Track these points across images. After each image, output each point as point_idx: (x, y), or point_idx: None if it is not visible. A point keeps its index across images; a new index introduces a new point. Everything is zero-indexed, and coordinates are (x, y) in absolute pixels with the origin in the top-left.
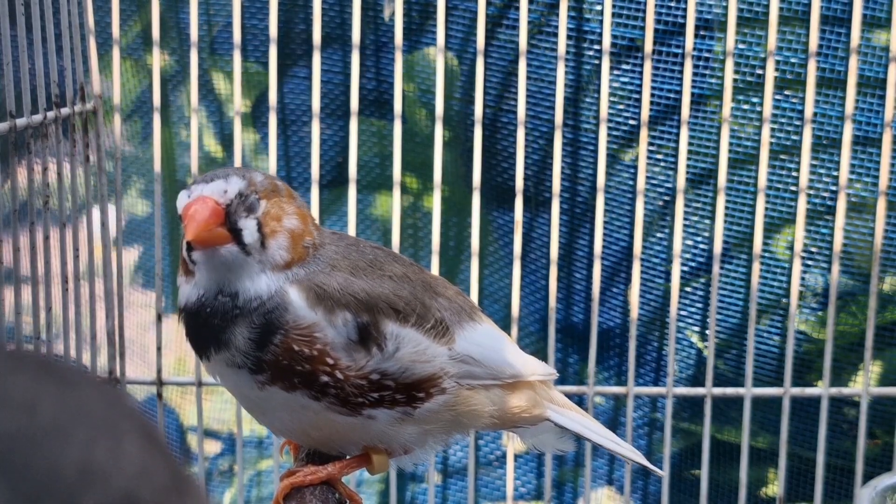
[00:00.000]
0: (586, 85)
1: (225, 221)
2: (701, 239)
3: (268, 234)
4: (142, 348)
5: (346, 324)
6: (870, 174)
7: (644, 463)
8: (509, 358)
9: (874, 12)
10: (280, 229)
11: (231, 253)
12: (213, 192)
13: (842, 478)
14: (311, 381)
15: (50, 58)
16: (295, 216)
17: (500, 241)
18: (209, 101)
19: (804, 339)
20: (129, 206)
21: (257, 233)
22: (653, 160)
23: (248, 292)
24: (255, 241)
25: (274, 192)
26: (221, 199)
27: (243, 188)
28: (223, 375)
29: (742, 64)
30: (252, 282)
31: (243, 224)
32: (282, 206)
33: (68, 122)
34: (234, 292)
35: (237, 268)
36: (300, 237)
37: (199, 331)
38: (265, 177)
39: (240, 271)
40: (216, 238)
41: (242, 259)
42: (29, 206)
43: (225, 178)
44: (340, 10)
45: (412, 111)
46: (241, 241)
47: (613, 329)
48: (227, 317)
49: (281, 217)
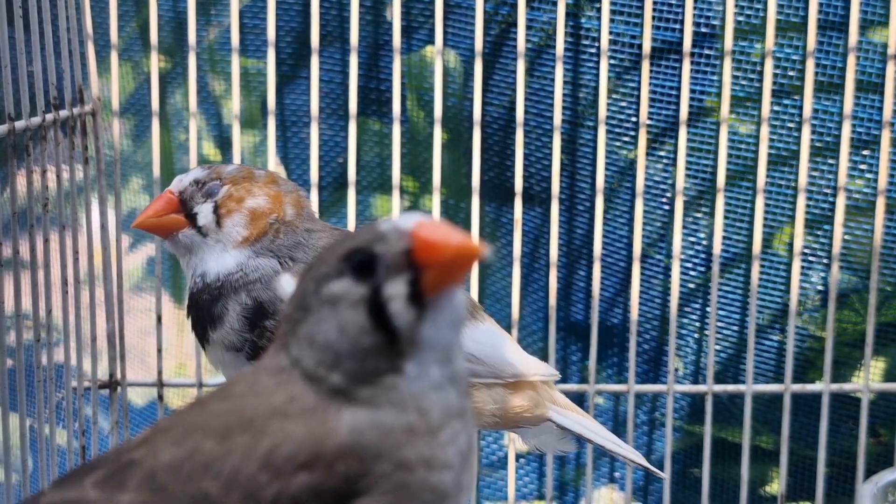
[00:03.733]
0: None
1: (180, 208)
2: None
3: (223, 215)
4: (142, 353)
5: None
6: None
7: (645, 464)
8: (511, 357)
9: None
10: (237, 209)
11: (186, 236)
12: (172, 185)
13: (844, 474)
14: None
15: (48, 60)
16: (263, 196)
17: (503, 240)
18: (209, 103)
19: (808, 336)
20: (129, 202)
21: (212, 214)
22: (663, 163)
23: (216, 271)
24: (210, 221)
25: (245, 179)
26: (175, 189)
27: (201, 177)
28: (223, 362)
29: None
30: (216, 261)
31: (199, 209)
32: (249, 189)
33: (67, 124)
34: (203, 272)
35: (197, 249)
36: (263, 215)
37: (196, 313)
38: (240, 168)
39: (200, 252)
40: (168, 225)
41: (200, 240)
42: (28, 210)
43: (188, 173)
44: (341, 10)
45: (427, 112)
46: (195, 224)
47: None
48: (212, 291)
49: (243, 199)
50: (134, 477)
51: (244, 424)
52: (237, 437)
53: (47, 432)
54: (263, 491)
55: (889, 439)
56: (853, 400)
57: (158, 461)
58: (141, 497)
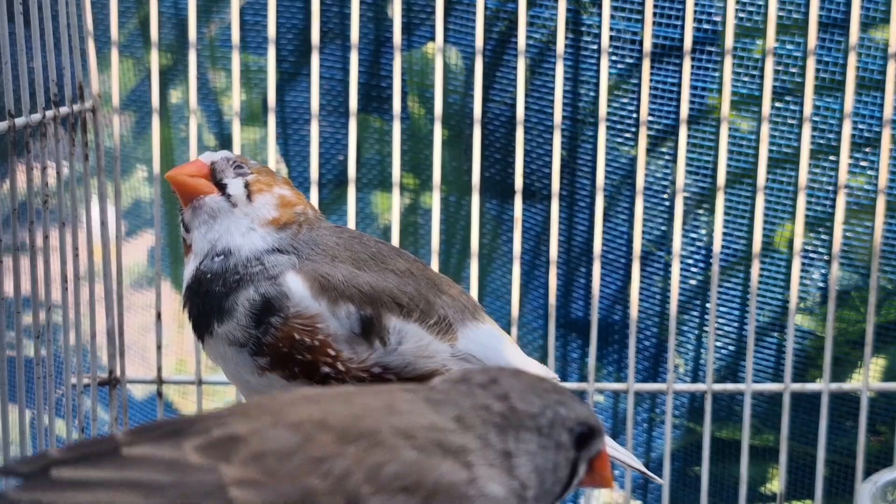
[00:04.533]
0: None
1: (210, 176)
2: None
3: (254, 191)
4: (142, 349)
5: (349, 316)
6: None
7: (641, 469)
8: (510, 359)
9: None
10: (267, 189)
11: (215, 201)
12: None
13: (844, 473)
14: (312, 370)
15: (49, 57)
16: (286, 187)
17: (503, 238)
18: (209, 100)
19: (808, 334)
20: (133, 191)
21: (244, 188)
22: (663, 160)
23: (242, 250)
24: (241, 193)
25: (267, 173)
26: (207, 160)
27: (231, 156)
28: (225, 357)
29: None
30: (243, 237)
31: (230, 181)
32: (273, 178)
33: (67, 121)
34: (227, 248)
35: (223, 218)
36: (290, 203)
37: (201, 302)
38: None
39: (226, 222)
40: (198, 186)
41: (228, 208)
42: (28, 206)
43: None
44: (342, 7)
45: (428, 109)
46: (225, 192)
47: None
48: (227, 282)
49: (271, 184)
50: (240, 453)
51: (365, 433)
52: (354, 442)
53: (47, 422)
54: (365, 502)
55: (889, 437)
56: (853, 398)
57: (268, 443)
58: (248, 475)
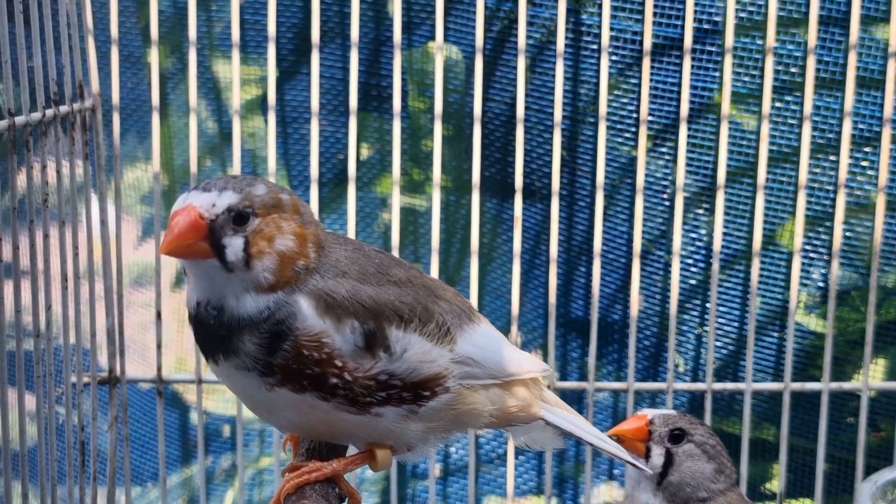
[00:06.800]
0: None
1: (208, 236)
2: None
3: (254, 255)
4: (142, 348)
5: (353, 331)
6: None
7: (629, 460)
8: (507, 358)
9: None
10: (269, 251)
11: (213, 268)
12: (201, 203)
13: (844, 472)
14: (321, 383)
15: (48, 56)
16: (291, 236)
17: (503, 236)
18: (209, 99)
19: (808, 333)
20: (129, 197)
21: (242, 252)
22: (664, 159)
23: (234, 311)
24: (239, 259)
25: (275, 208)
26: (207, 213)
27: (234, 203)
28: (231, 378)
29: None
30: (237, 300)
31: (228, 241)
32: (278, 225)
33: (67, 120)
34: (220, 307)
35: (219, 283)
36: (291, 260)
37: (206, 337)
38: (269, 190)
39: (222, 287)
40: (194, 252)
41: (224, 276)
42: (28, 205)
43: (219, 191)
44: (342, 6)
45: (428, 107)
46: (223, 258)
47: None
48: (230, 328)
49: (273, 238)
50: None
51: None
52: None
53: (46, 412)
54: None
55: (890, 434)
56: (853, 396)
57: None
58: None
